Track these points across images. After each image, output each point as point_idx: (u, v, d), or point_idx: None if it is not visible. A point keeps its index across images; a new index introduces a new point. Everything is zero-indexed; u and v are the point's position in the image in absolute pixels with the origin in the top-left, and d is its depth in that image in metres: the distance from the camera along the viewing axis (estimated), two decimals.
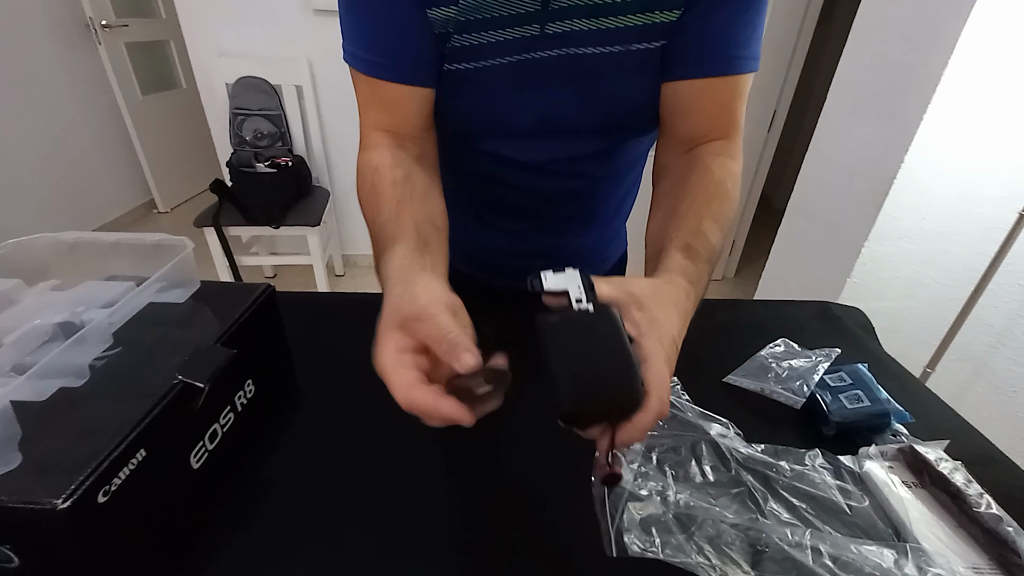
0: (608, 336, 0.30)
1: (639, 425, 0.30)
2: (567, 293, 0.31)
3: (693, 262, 0.39)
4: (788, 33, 2.05)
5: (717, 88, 0.48)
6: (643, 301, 0.33)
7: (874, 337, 0.69)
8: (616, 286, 0.33)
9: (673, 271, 0.38)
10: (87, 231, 0.47)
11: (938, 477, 0.42)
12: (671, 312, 0.34)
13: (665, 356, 0.31)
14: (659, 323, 0.32)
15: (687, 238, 0.41)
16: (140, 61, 2.76)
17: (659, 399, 0.30)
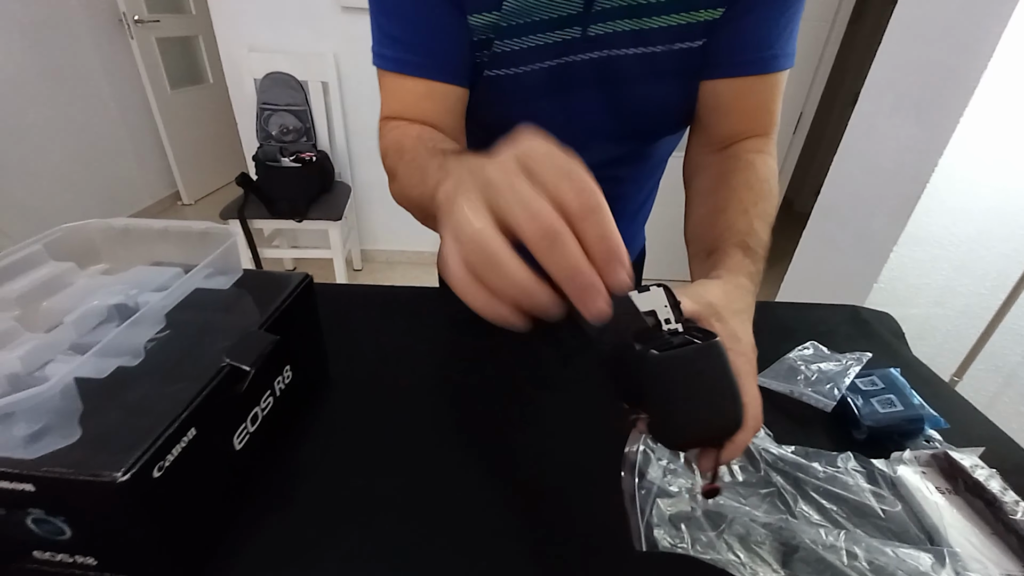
0: (711, 366, 0.28)
1: (739, 444, 0.31)
2: (655, 314, 0.30)
3: (753, 261, 0.40)
4: (818, 33, 2.02)
5: (756, 86, 0.48)
6: (720, 312, 0.33)
7: (904, 343, 0.68)
8: (695, 298, 0.32)
9: (736, 271, 0.38)
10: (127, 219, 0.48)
11: (973, 484, 0.41)
12: (744, 319, 0.34)
13: (752, 370, 0.32)
14: (740, 337, 0.33)
15: (743, 236, 0.41)
16: (170, 56, 2.83)
17: (755, 417, 0.31)
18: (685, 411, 0.28)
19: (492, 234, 0.22)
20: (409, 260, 2.55)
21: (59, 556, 0.34)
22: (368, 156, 2.25)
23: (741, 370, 0.31)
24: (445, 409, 0.51)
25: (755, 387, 0.32)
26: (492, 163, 0.24)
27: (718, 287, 0.35)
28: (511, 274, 0.22)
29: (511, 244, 0.23)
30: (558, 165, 0.23)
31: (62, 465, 0.29)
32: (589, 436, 0.48)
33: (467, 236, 0.23)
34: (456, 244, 0.23)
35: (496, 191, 0.23)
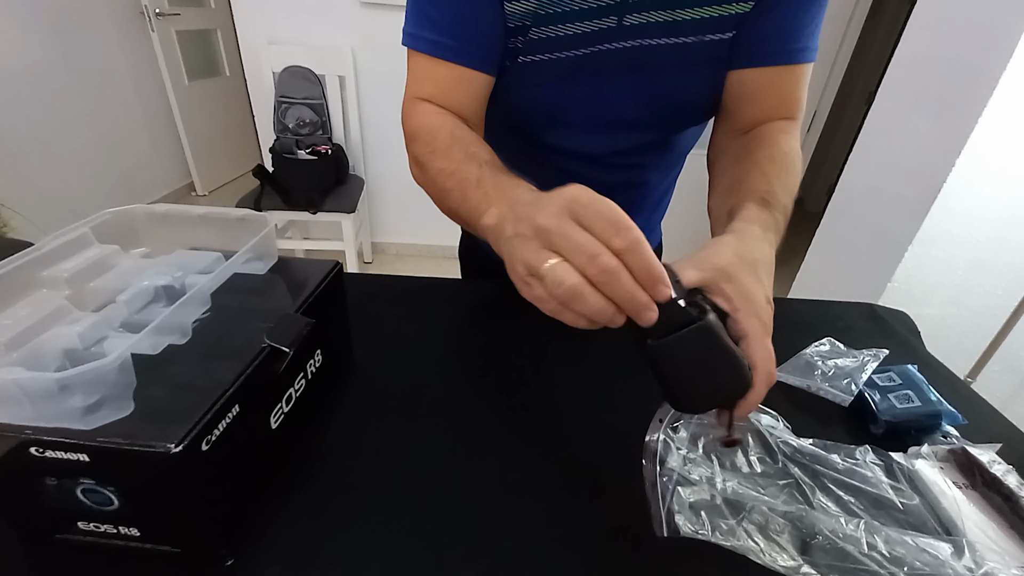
0: (704, 345, 0.31)
1: (752, 401, 0.33)
2: None
3: (769, 211, 0.40)
4: (835, 32, 2.00)
5: (783, 77, 0.50)
6: (730, 272, 0.34)
7: (920, 341, 0.69)
8: (700, 265, 0.34)
9: (750, 221, 0.39)
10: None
11: (991, 479, 0.42)
12: (758, 273, 0.35)
13: (764, 326, 0.33)
14: (750, 293, 0.33)
15: (761, 194, 0.42)
16: (188, 48, 2.86)
17: (766, 372, 0.33)
18: (688, 385, 0.33)
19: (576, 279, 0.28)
20: (419, 253, 2.57)
21: (104, 527, 0.35)
22: (382, 150, 2.27)
23: (750, 327, 0.33)
24: (467, 396, 0.53)
25: (765, 344, 0.33)
26: (544, 212, 0.30)
27: (727, 246, 0.36)
28: (593, 305, 0.28)
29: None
30: (601, 212, 0.28)
31: (117, 436, 0.31)
32: (611, 424, 0.49)
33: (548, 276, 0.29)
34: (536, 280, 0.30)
35: (555, 238, 0.29)
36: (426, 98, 0.52)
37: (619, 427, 0.47)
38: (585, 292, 0.28)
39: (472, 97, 0.52)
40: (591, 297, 0.28)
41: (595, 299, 0.28)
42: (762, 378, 0.33)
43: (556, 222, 0.29)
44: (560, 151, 0.58)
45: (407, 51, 0.52)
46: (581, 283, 0.28)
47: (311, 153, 1.92)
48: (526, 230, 0.30)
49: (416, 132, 0.50)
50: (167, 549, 0.36)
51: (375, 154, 2.28)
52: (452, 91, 0.51)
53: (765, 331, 0.33)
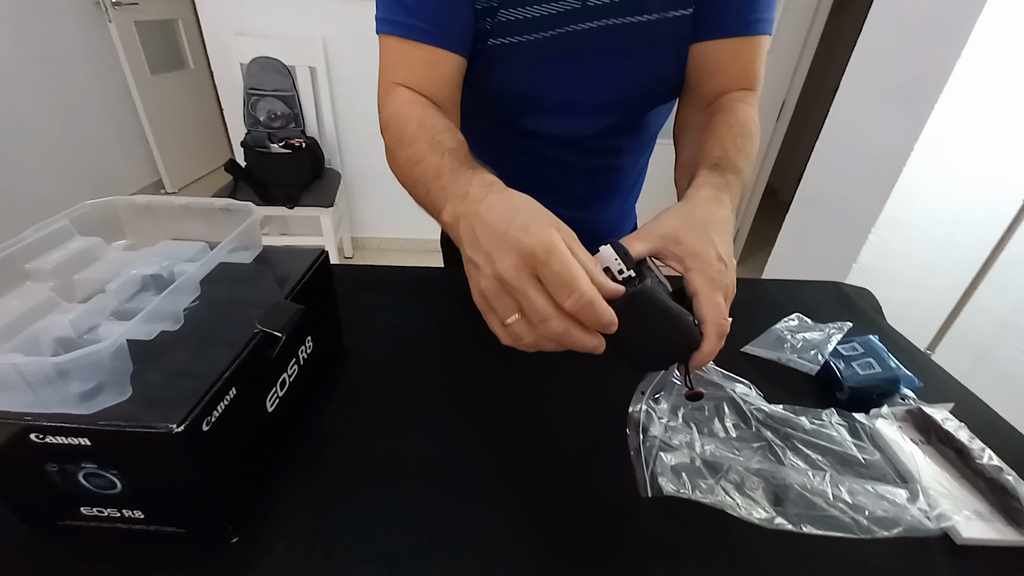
0: (643, 309, 0.34)
1: (705, 353, 0.35)
2: (608, 269, 0.35)
3: (720, 174, 0.43)
4: (801, 23, 2.06)
5: (742, 48, 0.53)
6: (678, 236, 0.36)
7: (882, 315, 0.73)
8: (647, 236, 0.36)
9: (699, 186, 0.41)
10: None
11: (944, 435, 0.46)
12: (707, 232, 0.37)
13: (712, 282, 0.35)
14: (699, 253, 0.36)
15: (714, 160, 0.45)
16: (149, 40, 2.76)
17: (715, 324, 0.34)
18: (638, 347, 0.35)
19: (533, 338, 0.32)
20: (401, 247, 2.56)
21: (107, 511, 0.36)
22: (358, 143, 2.24)
23: (698, 284, 0.35)
24: (458, 380, 0.54)
25: (713, 299, 0.35)
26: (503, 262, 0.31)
27: (674, 212, 0.39)
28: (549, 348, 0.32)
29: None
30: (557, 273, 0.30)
31: (118, 419, 0.31)
32: (596, 400, 0.51)
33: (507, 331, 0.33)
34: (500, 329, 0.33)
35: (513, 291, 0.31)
36: (400, 83, 0.52)
37: (604, 402, 0.50)
38: (541, 344, 0.31)
39: (445, 80, 0.52)
40: (547, 344, 0.32)
41: (550, 345, 0.32)
42: (712, 331, 0.35)
43: (514, 276, 0.30)
44: (538, 137, 0.60)
45: (379, 39, 0.53)
46: (538, 339, 0.31)
47: (285, 146, 1.88)
48: (486, 267, 0.32)
49: (388, 120, 0.51)
50: (172, 530, 0.36)
51: (351, 147, 2.26)
52: (425, 74, 0.52)
53: (714, 286, 0.35)
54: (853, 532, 0.38)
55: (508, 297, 0.32)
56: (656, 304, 0.34)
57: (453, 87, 0.54)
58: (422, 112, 0.49)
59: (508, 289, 0.31)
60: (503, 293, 0.32)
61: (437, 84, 0.52)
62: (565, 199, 0.69)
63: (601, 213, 0.72)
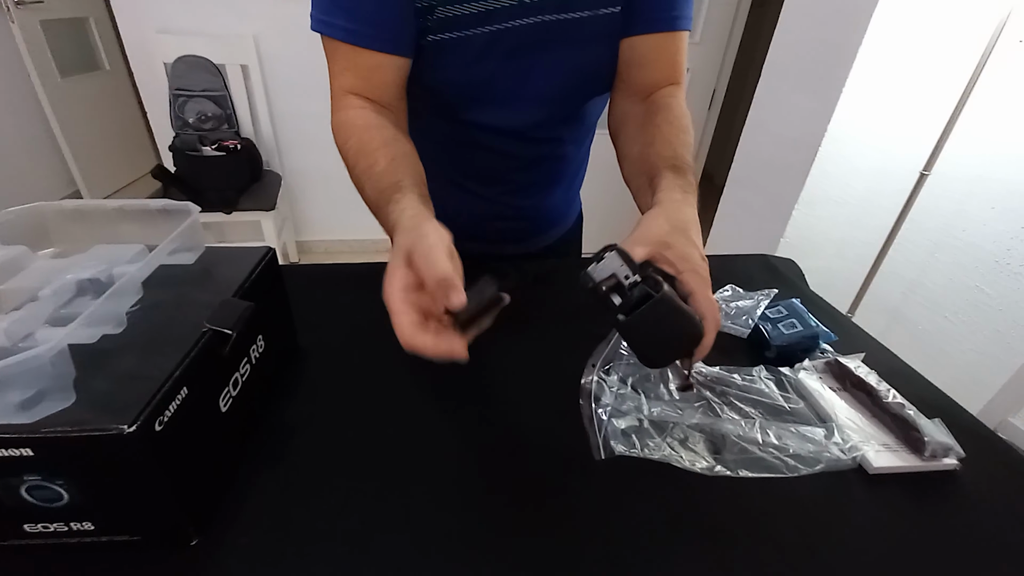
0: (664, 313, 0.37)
1: (706, 346, 0.39)
2: (615, 275, 0.38)
3: (683, 176, 0.47)
4: (726, 16, 2.18)
5: (667, 42, 0.57)
6: (667, 240, 0.40)
7: (804, 281, 0.80)
8: (642, 241, 0.39)
9: (670, 189, 0.45)
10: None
11: (857, 380, 0.51)
12: (689, 234, 0.41)
13: (703, 280, 0.39)
14: (687, 255, 0.39)
15: (671, 161, 0.48)
16: (58, 41, 2.55)
17: (713, 319, 0.38)
18: (656, 348, 0.39)
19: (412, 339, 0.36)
20: (350, 249, 2.50)
21: (53, 526, 0.35)
22: (298, 143, 2.17)
23: (693, 284, 0.39)
24: (415, 365, 0.55)
25: (708, 297, 0.39)
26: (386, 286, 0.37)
27: (659, 217, 0.42)
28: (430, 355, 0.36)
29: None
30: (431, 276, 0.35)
31: (64, 425, 0.30)
32: (548, 374, 0.54)
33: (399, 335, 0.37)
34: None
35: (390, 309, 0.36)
36: (348, 89, 0.53)
37: (557, 377, 0.52)
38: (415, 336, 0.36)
39: (392, 82, 0.54)
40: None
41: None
42: (711, 325, 0.39)
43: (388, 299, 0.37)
44: (481, 128, 0.62)
45: (321, 38, 0.53)
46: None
47: (218, 149, 1.80)
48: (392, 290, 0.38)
49: (336, 133, 0.53)
50: (125, 539, 0.36)
51: (291, 148, 2.18)
52: (373, 78, 0.53)
53: (705, 284, 0.39)
54: (782, 472, 0.43)
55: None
56: (676, 307, 0.37)
57: (398, 87, 0.56)
58: (363, 125, 0.52)
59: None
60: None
61: (382, 87, 0.54)
62: (512, 188, 0.71)
63: (547, 200, 0.74)
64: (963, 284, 1.27)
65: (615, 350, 0.54)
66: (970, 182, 1.20)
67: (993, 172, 1.18)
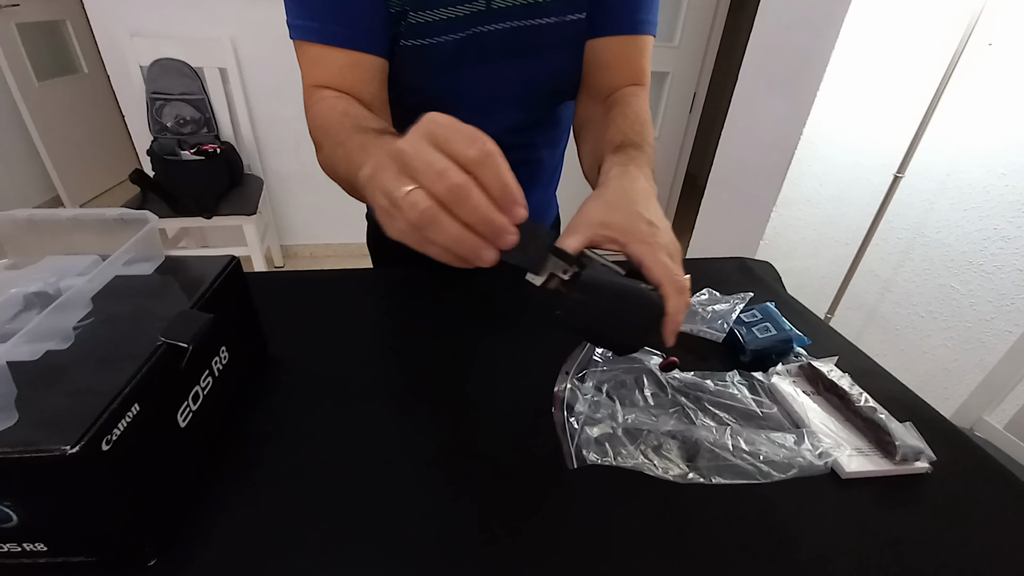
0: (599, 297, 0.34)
1: (672, 312, 0.35)
2: (554, 275, 0.36)
3: (624, 152, 0.45)
4: (704, 22, 2.20)
5: (630, 45, 0.57)
6: (603, 219, 0.38)
7: (781, 284, 0.80)
8: (576, 229, 0.38)
9: (606, 170, 0.44)
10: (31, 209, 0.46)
11: (830, 384, 0.51)
12: (629, 207, 0.39)
13: (650, 247, 0.36)
14: (627, 226, 0.37)
15: (616, 143, 0.48)
16: (34, 44, 2.50)
17: (672, 283, 0.35)
18: (609, 334, 0.36)
19: (428, 203, 0.27)
20: (335, 253, 2.48)
21: (6, 546, 0.33)
22: (279, 146, 2.15)
23: (640, 253, 0.36)
24: (387, 372, 0.54)
25: (660, 261, 0.35)
26: (402, 139, 0.28)
27: (593, 199, 0.40)
28: (450, 231, 0.27)
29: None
30: (457, 127, 0.28)
31: (4, 445, 0.29)
32: (521, 381, 0.53)
33: (403, 203, 0.27)
34: (396, 210, 0.28)
35: (407, 159, 0.28)
36: (323, 84, 0.52)
37: (532, 384, 0.52)
38: (439, 217, 0.27)
39: (368, 81, 0.53)
40: (446, 222, 0.27)
41: (450, 224, 0.27)
42: (672, 290, 0.35)
43: (412, 144, 0.28)
44: None
45: (295, 46, 0.52)
46: (434, 207, 0.27)
47: (197, 153, 1.77)
48: (385, 159, 0.29)
49: (314, 119, 0.51)
50: (81, 560, 0.34)
51: (273, 151, 2.16)
52: (347, 76, 0.52)
53: (655, 250, 0.36)
54: (755, 478, 0.42)
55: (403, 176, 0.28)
56: (604, 284, 0.34)
57: (378, 86, 0.54)
58: (346, 105, 0.49)
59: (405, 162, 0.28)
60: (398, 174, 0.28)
61: (360, 85, 0.52)
62: None
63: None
64: (935, 283, 1.29)
65: (589, 356, 0.54)
66: (940, 182, 1.23)
67: (963, 173, 1.20)
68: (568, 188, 0.94)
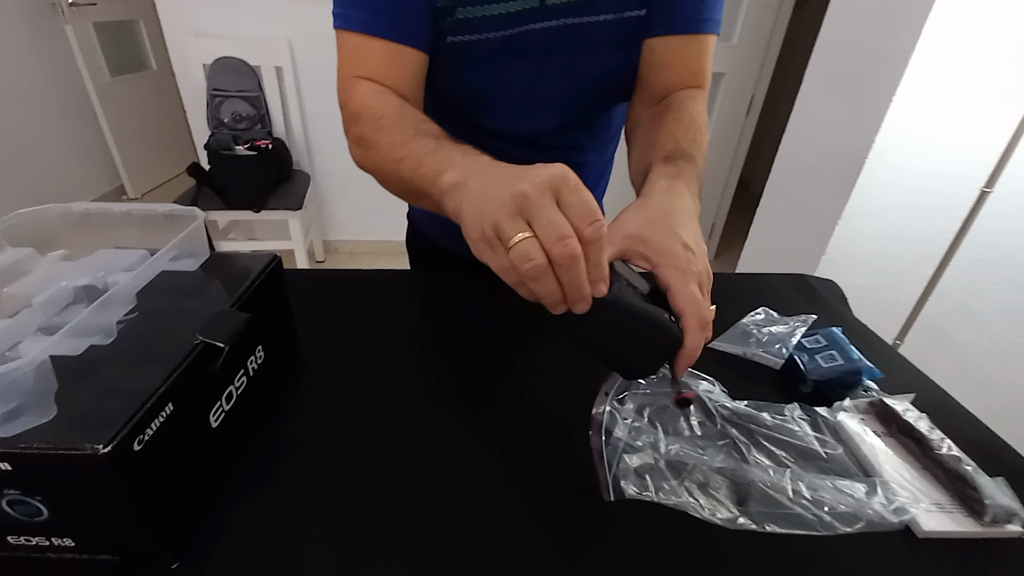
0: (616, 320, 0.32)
1: (689, 347, 0.33)
2: None
3: (673, 163, 0.42)
4: (765, 20, 2.10)
5: (690, 45, 0.53)
6: (640, 234, 0.35)
7: (847, 306, 0.74)
8: (610, 239, 0.35)
9: (653, 180, 0.41)
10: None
11: (905, 426, 0.46)
12: (671, 224, 0.36)
13: (682, 272, 0.34)
14: (663, 246, 0.35)
15: (666, 152, 0.44)
16: (108, 41, 2.67)
17: (695, 316, 0.33)
18: (620, 357, 0.34)
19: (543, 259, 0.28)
20: (372, 250, 2.52)
21: (35, 539, 0.34)
22: (327, 144, 2.20)
23: (670, 278, 0.34)
24: (419, 382, 0.53)
25: (688, 291, 0.33)
26: (527, 180, 0.29)
27: (634, 209, 0.38)
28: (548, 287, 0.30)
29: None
30: (583, 198, 0.29)
31: (40, 441, 0.29)
32: (558, 400, 0.50)
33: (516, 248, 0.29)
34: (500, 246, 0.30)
35: (530, 206, 0.29)
36: (363, 76, 0.50)
37: (568, 402, 0.49)
38: (546, 273, 0.29)
39: (408, 76, 0.51)
40: (548, 280, 0.29)
41: (550, 282, 0.29)
42: (692, 323, 0.33)
43: (538, 192, 0.29)
44: (495, 135, 0.59)
45: (337, 36, 0.51)
46: (545, 264, 0.29)
47: (250, 148, 1.83)
48: (502, 193, 0.30)
49: (360, 110, 0.49)
50: (106, 558, 0.34)
51: (321, 148, 2.21)
52: (387, 68, 0.50)
53: (687, 278, 0.34)
54: (816, 529, 0.38)
55: (519, 219, 0.29)
56: (625, 309, 0.32)
57: (416, 83, 0.52)
58: (398, 102, 0.48)
59: (526, 206, 0.29)
60: (515, 215, 0.29)
61: (400, 79, 0.51)
62: None
63: None
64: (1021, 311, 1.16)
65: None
66: None
67: None
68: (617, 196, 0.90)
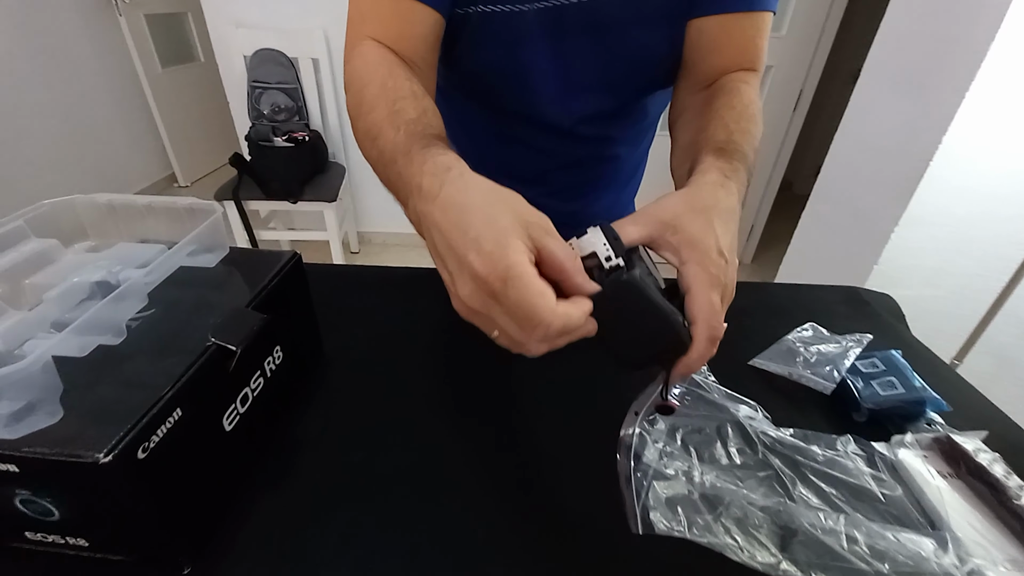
0: (629, 300, 0.30)
1: (693, 359, 0.31)
2: (595, 254, 0.31)
3: (727, 159, 0.38)
4: (818, 8, 1.97)
5: (742, 24, 0.48)
6: (676, 223, 0.32)
7: (904, 324, 0.68)
8: (644, 220, 0.32)
9: (704, 172, 0.36)
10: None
11: (976, 468, 0.41)
12: (711, 221, 0.32)
13: (709, 277, 0.31)
14: (698, 243, 0.31)
15: (718, 144, 0.40)
16: (159, 33, 2.76)
17: (707, 326, 0.30)
18: (617, 340, 0.31)
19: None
20: (403, 243, 2.53)
21: (51, 537, 0.33)
22: None
23: (693, 277, 0.31)
24: (441, 388, 0.51)
25: (707, 297, 0.31)
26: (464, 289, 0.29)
27: (676, 197, 0.34)
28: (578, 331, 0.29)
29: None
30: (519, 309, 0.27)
31: (44, 445, 0.28)
32: (588, 418, 0.47)
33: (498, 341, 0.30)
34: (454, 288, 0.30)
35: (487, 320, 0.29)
36: (369, 35, 0.46)
37: (596, 421, 0.46)
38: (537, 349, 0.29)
39: (420, 36, 0.47)
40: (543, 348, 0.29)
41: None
42: (703, 333, 0.30)
43: (479, 304, 0.28)
44: (524, 121, 0.56)
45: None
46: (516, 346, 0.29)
47: (288, 140, 1.86)
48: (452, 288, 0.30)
49: (351, 78, 0.45)
50: (120, 558, 0.34)
51: (355, 141, 2.22)
52: (397, 27, 0.46)
53: (712, 283, 0.31)
54: None
55: (484, 316, 0.29)
56: (642, 297, 0.30)
57: (429, 46, 0.48)
58: (386, 72, 0.43)
59: (477, 314, 0.29)
60: (477, 313, 0.29)
61: (410, 39, 0.46)
62: (554, 190, 0.64)
63: (594, 206, 0.67)
64: None
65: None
66: None
67: None
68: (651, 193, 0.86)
